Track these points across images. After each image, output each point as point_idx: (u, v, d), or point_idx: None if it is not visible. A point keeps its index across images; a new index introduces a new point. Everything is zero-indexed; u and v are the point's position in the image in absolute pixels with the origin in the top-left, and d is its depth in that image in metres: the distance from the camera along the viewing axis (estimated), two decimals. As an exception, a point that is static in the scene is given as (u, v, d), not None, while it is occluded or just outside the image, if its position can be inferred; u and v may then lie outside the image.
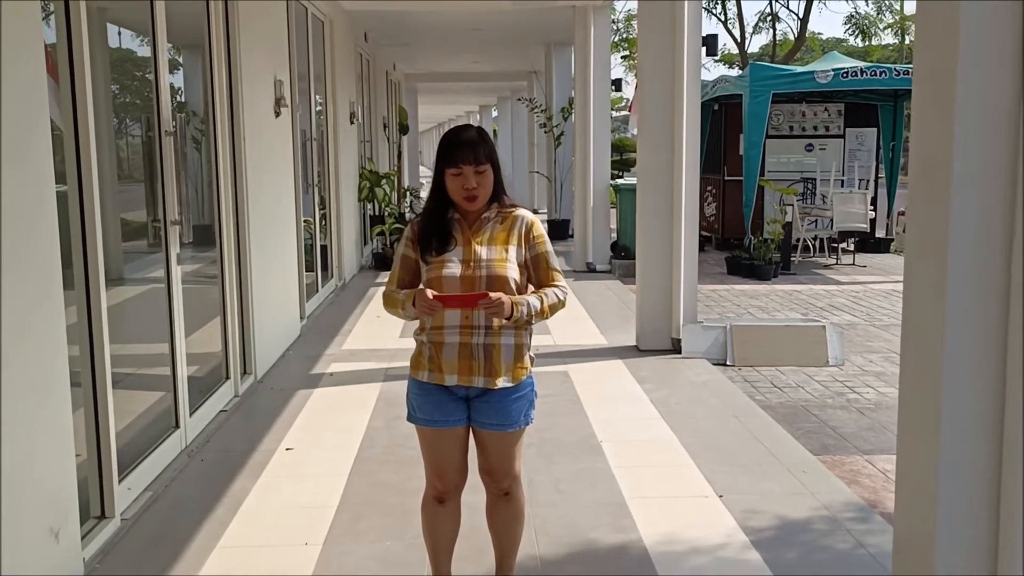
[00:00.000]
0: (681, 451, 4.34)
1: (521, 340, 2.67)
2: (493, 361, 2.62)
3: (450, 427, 2.70)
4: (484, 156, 2.57)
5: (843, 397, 5.58)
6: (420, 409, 2.71)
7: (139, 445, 3.93)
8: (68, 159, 3.31)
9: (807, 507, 3.67)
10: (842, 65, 11.38)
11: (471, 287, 2.56)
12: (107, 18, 3.95)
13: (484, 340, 2.61)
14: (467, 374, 2.62)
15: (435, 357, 2.64)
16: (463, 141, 2.58)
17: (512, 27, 12.06)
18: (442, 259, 2.59)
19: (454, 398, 2.67)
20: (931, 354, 2.24)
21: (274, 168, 6.29)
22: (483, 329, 2.61)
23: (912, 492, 2.33)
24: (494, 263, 2.58)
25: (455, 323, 2.60)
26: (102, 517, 3.43)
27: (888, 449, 4.55)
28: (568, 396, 5.28)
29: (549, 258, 2.69)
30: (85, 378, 3.40)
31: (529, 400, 2.74)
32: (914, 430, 2.33)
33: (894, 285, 9.99)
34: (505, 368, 2.64)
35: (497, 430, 2.70)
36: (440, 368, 2.64)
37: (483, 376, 2.62)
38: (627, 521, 3.56)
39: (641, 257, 6.57)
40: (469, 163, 2.56)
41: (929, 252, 2.25)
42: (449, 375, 2.63)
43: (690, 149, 6.29)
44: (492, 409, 2.68)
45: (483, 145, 2.58)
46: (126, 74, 4.39)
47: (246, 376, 5.51)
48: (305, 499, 3.82)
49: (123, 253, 4.37)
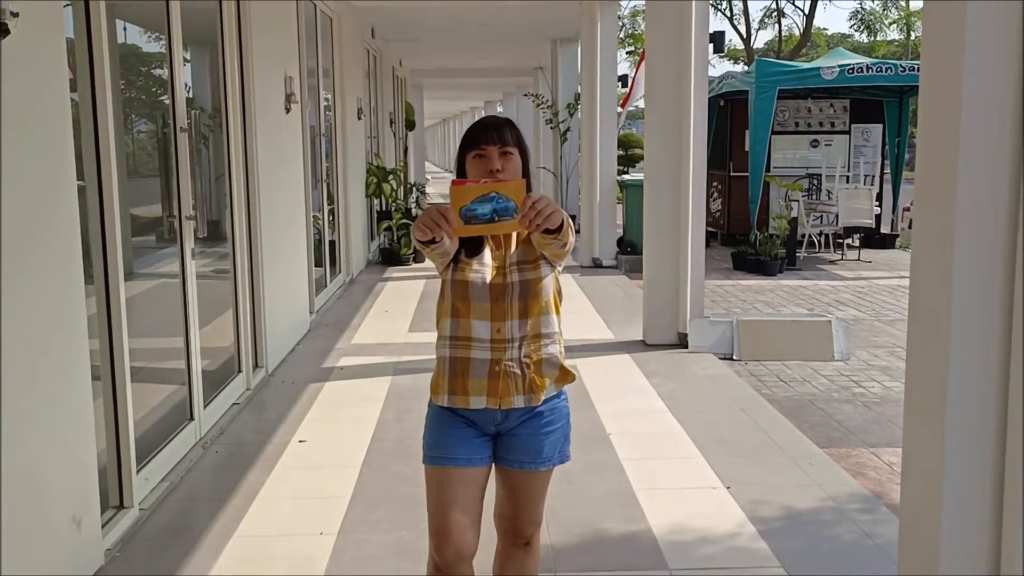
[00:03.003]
0: (689, 443, 4.39)
1: (560, 348, 2.30)
2: (533, 373, 2.23)
3: (469, 467, 2.25)
4: (511, 139, 2.23)
5: (849, 391, 5.63)
6: (435, 443, 2.28)
7: (155, 437, 4.00)
8: (87, 154, 3.36)
9: (814, 498, 3.73)
10: (848, 61, 11.40)
11: (501, 293, 2.22)
12: (117, 15, 4.01)
13: (521, 354, 2.21)
14: (501, 395, 2.21)
15: (457, 376, 2.23)
16: (487, 124, 2.27)
17: (519, 22, 12.09)
18: (470, 262, 2.23)
19: (479, 433, 2.27)
20: (937, 348, 2.29)
21: (285, 164, 6.35)
22: (519, 342, 2.22)
23: (917, 485, 2.38)
24: (527, 267, 2.23)
25: (484, 336, 2.21)
26: (121, 507, 3.50)
27: (893, 442, 4.60)
28: (576, 390, 5.30)
29: None
30: (104, 370, 3.47)
31: (564, 434, 2.36)
32: (919, 423, 2.38)
33: (899, 281, 10.03)
34: (549, 378, 2.26)
35: (529, 468, 2.29)
36: (464, 389, 2.22)
37: (523, 393, 2.22)
38: (636, 512, 3.62)
39: (648, 252, 6.62)
40: (493, 143, 2.21)
41: (935, 245, 2.29)
42: (476, 396, 2.22)
43: (697, 145, 6.33)
44: (523, 443, 2.28)
45: (509, 128, 2.26)
46: (135, 71, 4.43)
47: (258, 370, 5.57)
48: (319, 490, 3.88)
49: (132, 248, 4.44)
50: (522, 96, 20.51)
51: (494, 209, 1.90)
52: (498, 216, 1.91)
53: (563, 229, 2.06)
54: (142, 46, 4.43)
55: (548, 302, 2.26)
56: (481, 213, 1.90)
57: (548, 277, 2.26)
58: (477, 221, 1.90)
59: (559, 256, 2.23)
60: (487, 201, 1.89)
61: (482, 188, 1.90)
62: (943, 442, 2.26)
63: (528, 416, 2.27)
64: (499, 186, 1.92)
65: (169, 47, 4.25)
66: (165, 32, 4.23)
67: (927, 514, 2.32)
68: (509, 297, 2.22)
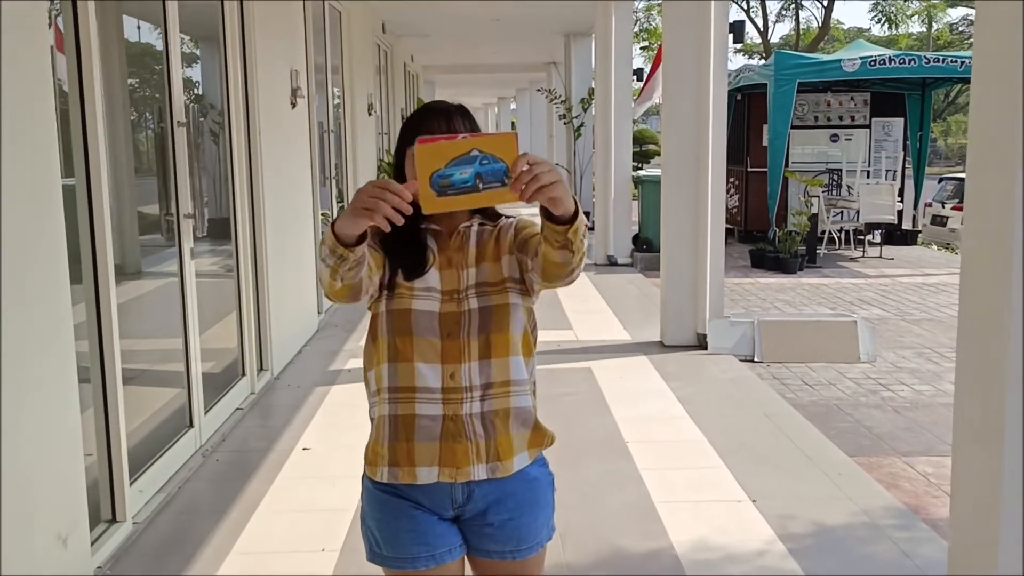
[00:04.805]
0: (711, 452, 4.18)
1: (535, 401, 1.78)
2: (499, 433, 1.70)
3: (438, 566, 1.73)
4: (463, 127, 1.71)
5: (877, 395, 5.40)
6: (385, 540, 1.74)
7: (152, 445, 3.82)
8: (76, 150, 3.19)
9: (846, 512, 3.51)
10: (870, 53, 11.12)
11: (455, 326, 1.68)
12: (123, 10, 3.85)
13: (483, 407, 1.69)
14: (458, 464, 1.68)
15: (399, 440, 1.69)
16: (435, 110, 1.73)
17: (532, 17, 11.90)
18: (411, 285, 1.69)
19: (434, 513, 1.73)
20: (992, 354, 2.08)
21: (291, 160, 6.17)
22: (480, 390, 1.68)
23: (970, 504, 2.17)
24: (490, 291, 1.70)
25: (433, 384, 1.67)
26: (113, 521, 3.32)
27: (927, 451, 4.38)
28: (592, 394, 5.13)
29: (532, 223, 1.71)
30: (95, 376, 3.29)
31: (549, 501, 1.83)
32: (972, 435, 2.17)
33: (923, 278, 9.77)
34: (519, 440, 1.73)
35: (513, 558, 1.77)
36: (408, 458, 1.69)
37: (487, 461, 1.70)
38: (656, 527, 3.41)
39: (666, 250, 6.40)
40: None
41: (990, 244, 2.09)
42: (425, 467, 1.68)
43: (717, 140, 6.11)
44: (498, 531, 1.74)
45: (463, 117, 1.73)
46: (144, 67, 4.27)
47: (263, 373, 5.40)
48: (322, 502, 3.70)
49: (141, 247, 4.28)
50: (535, 92, 20.32)
51: (477, 173, 1.36)
52: (482, 183, 1.36)
53: (576, 222, 1.47)
54: (139, 38, 4.25)
55: (517, 340, 1.71)
56: (460, 180, 1.36)
57: (519, 307, 1.71)
58: (454, 191, 1.36)
59: (560, 272, 1.57)
60: (467, 163, 1.36)
61: (461, 145, 1.36)
62: (1001, 458, 2.05)
63: (499, 496, 1.73)
64: (482, 140, 1.37)
65: (165, 37, 4.08)
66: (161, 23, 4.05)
67: (981, 541, 2.11)
68: (465, 330, 1.67)
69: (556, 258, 1.54)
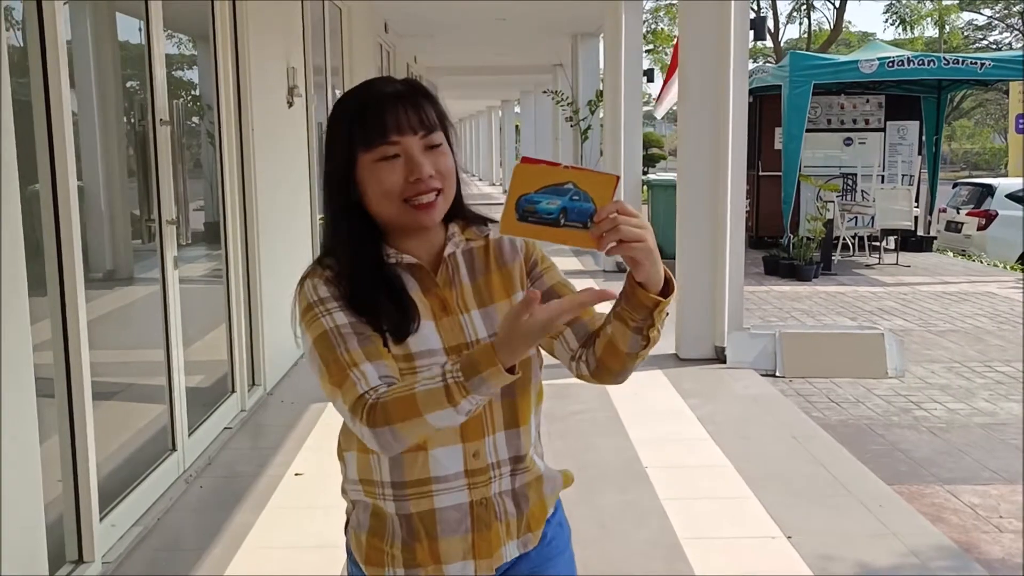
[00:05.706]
0: (738, 480, 3.84)
1: (542, 448, 1.53)
2: (533, 505, 1.45)
3: None
4: (435, 118, 1.34)
5: (909, 414, 5.06)
6: None
7: (128, 472, 3.50)
8: (40, 152, 2.87)
9: (892, 552, 3.17)
10: (887, 54, 10.78)
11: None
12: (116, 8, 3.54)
13: (515, 483, 1.42)
14: (492, 549, 1.40)
15: (419, 540, 1.38)
16: (397, 95, 1.32)
17: (538, 17, 11.60)
18: (409, 353, 1.32)
19: None
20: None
21: (287, 162, 5.85)
22: (509, 464, 1.40)
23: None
24: None
25: (454, 469, 1.36)
26: (79, 561, 2.98)
27: (971, 478, 4.04)
28: (606, 412, 4.80)
29: (568, 283, 1.47)
30: (60, 397, 2.96)
31: (568, 545, 1.55)
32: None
33: (943, 287, 9.43)
34: (551, 501, 1.49)
35: None
36: (433, 556, 1.38)
37: (518, 536, 1.43)
38: (682, 565, 3.09)
39: (681, 259, 6.07)
40: (411, 130, 1.30)
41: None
42: (456, 563, 1.39)
43: (736, 144, 5.79)
44: None
45: (427, 100, 1.34)
46: (132, 65, 3.96)
47: (255, 388, 5.07)
48: (314, 536, 3.36)
49: (134, 252, 3.98)
50: (540, 94, 20.01)
51: (564, 207, 1.25)
52: (565, 219, 1.25)
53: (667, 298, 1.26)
54: (117, 32, 3.94)
55: (535, 395, 1.43)
56: (544, 210, 1.26)
57: (535, 357, 1.41)
58: (535, 219, 1.26)
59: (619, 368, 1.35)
60: (557, 194, 1.25)
61: (559, 174, 1.26)
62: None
63: (528, 571, 1.46)
64: (582, 175, 1.26)
65: (147, 28, 3.76)
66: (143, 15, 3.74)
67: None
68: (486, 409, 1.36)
69: (624, 345, 1.30)
